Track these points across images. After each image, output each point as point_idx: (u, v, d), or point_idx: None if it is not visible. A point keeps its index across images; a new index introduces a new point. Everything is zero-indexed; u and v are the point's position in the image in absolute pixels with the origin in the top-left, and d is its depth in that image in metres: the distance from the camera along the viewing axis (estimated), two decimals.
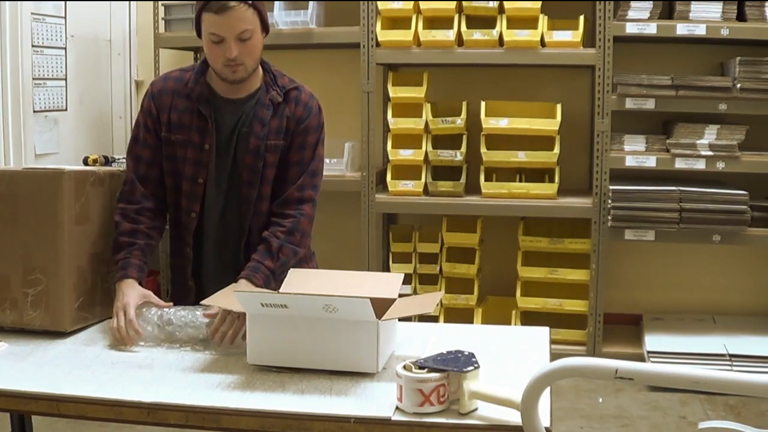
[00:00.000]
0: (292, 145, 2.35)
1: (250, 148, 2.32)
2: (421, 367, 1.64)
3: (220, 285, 2.17)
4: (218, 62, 2.26)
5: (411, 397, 1.62)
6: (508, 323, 4.25)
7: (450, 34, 4.24)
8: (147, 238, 2.32)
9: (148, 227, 2.32)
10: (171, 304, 2.19)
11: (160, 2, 4.67)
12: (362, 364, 1.84)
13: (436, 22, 4.35)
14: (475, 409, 1.64)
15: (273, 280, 2.25)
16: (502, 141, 4.30)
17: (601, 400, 3.81)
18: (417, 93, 4.30)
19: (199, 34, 2.32)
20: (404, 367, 1.65)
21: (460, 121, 4.30)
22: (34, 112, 4.26)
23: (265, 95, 2.34)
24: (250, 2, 2.22)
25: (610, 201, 4.13)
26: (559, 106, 4.26)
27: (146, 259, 2.30)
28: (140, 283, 2.23)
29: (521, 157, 4.25)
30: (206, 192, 2.35)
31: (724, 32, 3.98)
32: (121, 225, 2.30)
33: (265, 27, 2.30)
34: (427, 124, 4.30)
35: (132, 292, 2.18)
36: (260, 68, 2.37)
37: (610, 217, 4.12)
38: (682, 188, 4.05)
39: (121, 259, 2.26)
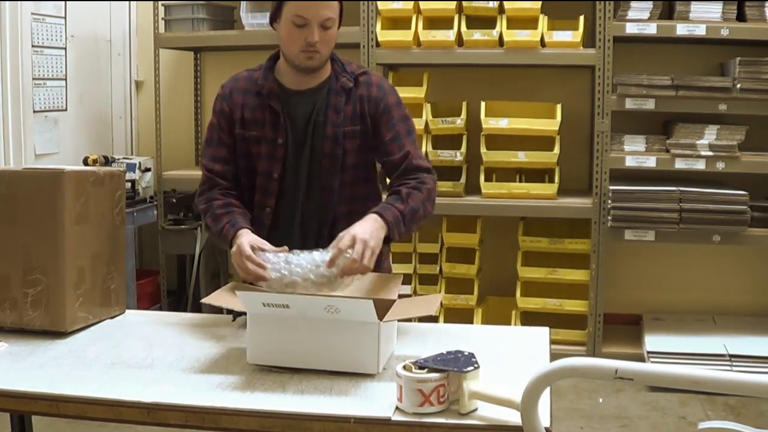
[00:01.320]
0: (379, 126, 2.34)
1: (328, 135, 2.32)
2: (421, 367, 1.64)
3: None
4: (296, 47, 2.25)
5: (411, 397, 1.62)
6: (508, 323, 4.25)
7: (450, 35, 4.24)
8: (242, 210, 2.32)
9: (239, 205, 2.33)
10: (285, 248, 2.15)
11: (160, 2, 4.67)
12: (363, 365, 1.84)
13: (436, 22, 4.35)
14: (475, 410, 1.64)
15: (402, 222, 2.21)
16: (502, 141, 4.30)
17: (601, 400, 3.81)
18: (417, 93, 4.30)
19: (273, 20, 2.31)
20: (404, 367, 1.65)
21: (460, 121, 4.30)
22: (34, 112, 4.27)
23: (335, 83, 2.35)
24: None
25: (610, 201, 4.13)
26: (559, 107, 4.26)
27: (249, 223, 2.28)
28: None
29: (521, 157, 4.25)
30: (283, 186, 2.35)
31: (724, 32, 3.98)
32: (212, 206, 2.31)
33: (340, 22, 2.31)
34: (427, 124, 4.31)
35: (245, 239, 2.16)
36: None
37: (610, 218, 4.12)
38: (682, 188, 4.05)
39: (227, 222, 2.26)
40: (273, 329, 1.87)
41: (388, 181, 2.43)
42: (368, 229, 2.12)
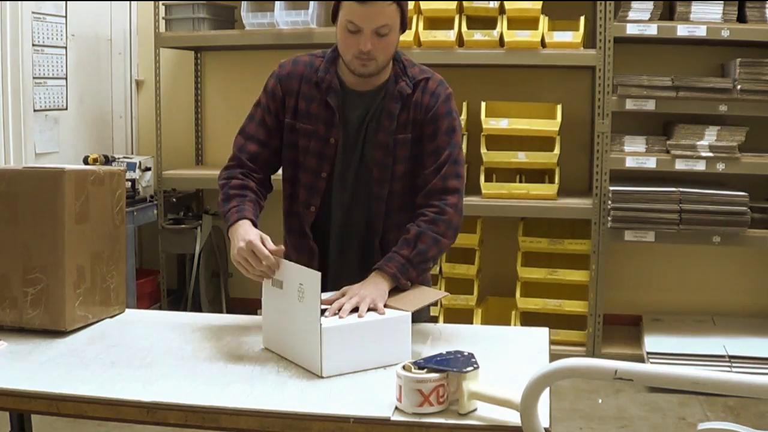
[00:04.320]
0: (423, 135, 2.22)
1: (379, 143, 2.21)
2: (420, 368, 1.64)
3: (341, 285, 2.09)
4: (349, 53, 2.13)
5: (410, 397, 1.62)
6: (508, 324, 4.25)
7: (450, 35, 4.24)
8: (256, 196, 2.21)
9: (257, 186, 2.23)
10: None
11: (160, 2, 4.68)
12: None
13: (437, 22, 4.35)
14: (475, 410, 1.64)
15: (411, 267, 2.13)
16: (502, 141, 4.30)
17: (600, 401, 3.81)
18: None
19: (333, 19, 2.17)
20: (404, 367, 1.65)
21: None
22: (35, 111, 4.27)
23: (393, 86, 2.22)
24: None
25: (610, 202, 4.13)
26: (559, 107, 4.26)
27: (257, 214, 2.18)
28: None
29: (521, 157, 4.25)
30: (330, 187, 2.25)
31: (725, 33, 3.99)
32: (228, 184, 2.21)
33: (403, 25, 2.18)
34: None
35: (252, 231, 2.06)
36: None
37: (609, 218, 4.12)
38: (682, 189, 4.05)
39: (235, 206, 2.15)
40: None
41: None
42: (372, 288, 2.05)
